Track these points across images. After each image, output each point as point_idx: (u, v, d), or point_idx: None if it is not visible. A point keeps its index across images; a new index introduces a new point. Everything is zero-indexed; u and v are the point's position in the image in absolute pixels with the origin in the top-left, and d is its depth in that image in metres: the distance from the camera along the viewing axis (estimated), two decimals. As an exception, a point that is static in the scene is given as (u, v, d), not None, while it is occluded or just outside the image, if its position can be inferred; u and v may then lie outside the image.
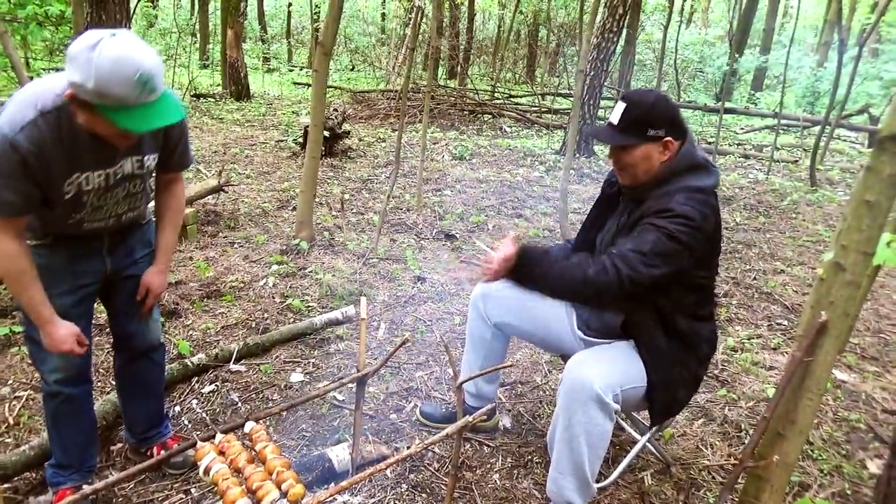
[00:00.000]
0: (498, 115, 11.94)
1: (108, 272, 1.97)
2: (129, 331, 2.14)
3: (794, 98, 16.33)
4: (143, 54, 1.50)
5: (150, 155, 1.86)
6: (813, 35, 22.98)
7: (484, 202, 6.28)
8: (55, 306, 1.82)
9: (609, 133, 1.98)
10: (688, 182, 1.93)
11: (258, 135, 9.02)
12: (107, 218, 1.86)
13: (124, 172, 1.80)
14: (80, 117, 1.59)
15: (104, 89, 1.46)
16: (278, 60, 19.56)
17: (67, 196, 1.70)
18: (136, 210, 1.95)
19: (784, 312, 4.09)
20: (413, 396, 2.90)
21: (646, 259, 1.83)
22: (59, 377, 1.95)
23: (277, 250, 4.52)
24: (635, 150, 1.94)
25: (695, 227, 1.84)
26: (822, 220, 6.43)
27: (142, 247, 2.07)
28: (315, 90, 4.49)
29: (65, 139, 1.63)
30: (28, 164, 1.59)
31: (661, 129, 1.93)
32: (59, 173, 1.66)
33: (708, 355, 2.11)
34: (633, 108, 1.94)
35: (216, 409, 2.72)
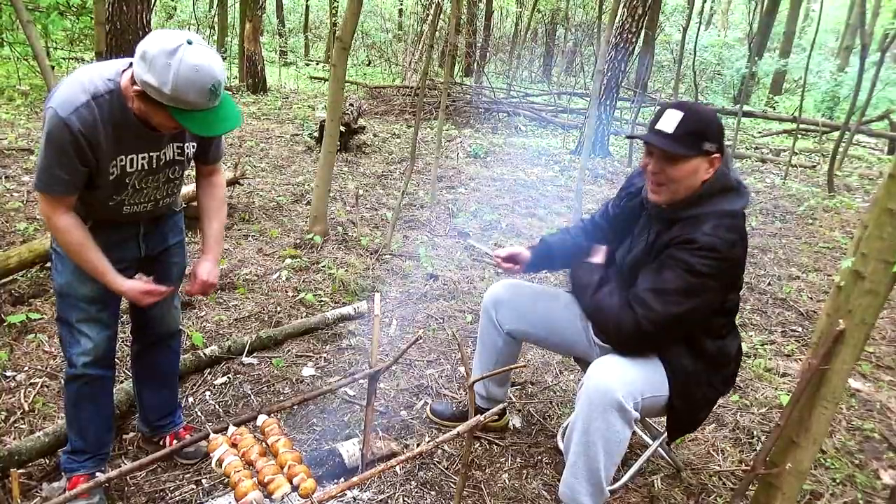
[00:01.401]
0: (513, 114, 11.91)
1: (141, 257, 2.02)
2: (149, 316, 2.17)
3: (813, 102, 16.16)
4: (216, 64, 1.58)
5: (190, 143, 1.92)
6: (834, 39, 22.77)
7: (498, 200, 6.27)
8: (90, 288, 1.90)
9: (665, 141, 1.84)
10: (719, 206, 1.87)
11: (274, 128, 9.06)
12: (146, 202, 1.90)
13: (166, 158, 1.87)
14: (137, 105, 1.66)
15: (181, 96, 1.54)
16: (295, 54, 19.63)
17: (111, 177, 1.76)
18: (173, 196, 2.01)
19: (798, 319, 4.06)
20: (424, 394, 2.91)
21: (664, 297, 1.82)
22: (87, 360, 1.98)
23: (291, 244, 4.54)
24: (686, 164, 1.84)
25: (720, 258, 1.81)
26: (840, 226, 6.36)
27: (174, 235, 2.13)
28: (332, 85, 4.50)
29: (114, 122, 1.70)
30: (79, 143, 1.65)
31: (715, 145, 1.84)
32: (106, 154, 1.72)
33: (734, 373, 2.09)
34: (691, 118, 1.82)
35: (228, 400, 2.74)
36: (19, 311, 3.18)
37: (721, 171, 1.89)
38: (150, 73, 1.53)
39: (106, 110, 1.67)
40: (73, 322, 1.94)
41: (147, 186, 1.87)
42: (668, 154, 1.85)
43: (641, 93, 9.93)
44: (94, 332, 1.96)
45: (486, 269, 4.46)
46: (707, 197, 1.88)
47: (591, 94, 5.96)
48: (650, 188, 1.95)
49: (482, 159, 8.22)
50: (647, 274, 1.90)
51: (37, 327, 3.10)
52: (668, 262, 1.85)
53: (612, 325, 1.90)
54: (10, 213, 4.54)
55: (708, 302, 1.87)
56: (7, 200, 4.80)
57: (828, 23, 22.97)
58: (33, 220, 4.36)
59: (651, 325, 1.83)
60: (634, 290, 1.89)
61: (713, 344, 1.98)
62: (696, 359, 1.97)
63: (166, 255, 2.11)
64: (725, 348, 2.02)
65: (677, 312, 1.83)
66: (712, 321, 1.96)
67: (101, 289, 1.91)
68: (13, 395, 2.61)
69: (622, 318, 1.88)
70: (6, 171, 5.52)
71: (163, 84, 1.53)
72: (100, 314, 1.95)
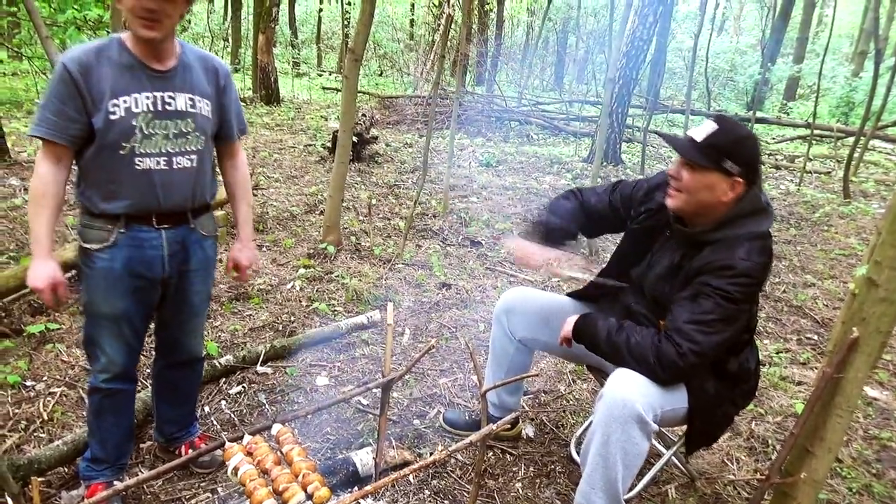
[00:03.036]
0: (525, 122, 11.93)
1: (165, 277, 1.99)
2: (173, 341, 2.20)
3: (827, 108, 16.05)
4: None
5: (203, 98, 1.92)
6: (849, 44, 22.61)
7: (510, 209, 6.28)
8: (113, 306, 1.91)
9: (687, 146, 1.87)
10: (750, 227, 1.87)
11: (287, 139, 9.13)
12: (158, 154, 1.84)
13: (176, 105, 1.86)
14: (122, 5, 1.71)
15: None
16: (308, 65, 19.80)
17: (114, 116, 1.76)
18: (190, 160, 1.92)
19: (814, 326, 4.03)
20: (437, 403, 2.92)
21: (706, 328, 1.81)
22: (106, 376, 2.01)
23: (305, 254, 4.57)
24: (703, 175, 1.85)
25: (755, 282, 1.83)
26: (855, 232, 6.31)
27: (198, 259, 2.06)
28: (345, 96, 4.54)
29: (113, 62, 1.76)
30: (76, 81, 1.71)
31: (738, 167, 1.84)
32: (105, 91, 1.75)
33: (754, 387, 2.09)
34: (721, 133, 1.84)
35: (243, 409, 2.76)
36: (38, 321, 3.23)
37: (753, 193, 1.89)
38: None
39: (105, 53, 1.76)
40: (95, 338, 1.97)
41: (156, 133, 1.83)
42: (686, 160, 1.87)
43: (653, 100, 9.91)
44: (114, 349, 1.98)
45: (498, 278, 4.47)
46: (738, 219, 1.88)
47: (603, 102, 5.97)
48: (669, 191, 1.95)
49: (494, 168, 8.24)
50: (684, 305, 1.87)
51: (55, 337, 3.15)
52: (706, 291, 1.83)
53: (652, 359, 1.85)
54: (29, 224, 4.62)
55: (742, 324, 1.88)
56: (26, 212, 4.88)
57: (842, 28, 22.85)
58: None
59: (695, 357, 1.82)
60: (673, 323, 1.86)
61: (735, 362, 1.98)
62: (719, 380, 1.97)
63: (187, 280, 2.06)
64: (746, 364, 2.01)
65: (720, 341, 1.83)
66: (737, 340, 1.96)
67: (125, 307, 1.93)
68: (32, 404, 2.65)
69: (663, 352, 1.84)
70: (25, 184, 5.61)
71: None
72: (122, 332, 1.97)
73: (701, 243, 1.92)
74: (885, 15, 18.57)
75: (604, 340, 1.96)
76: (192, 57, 1.91)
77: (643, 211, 2.15)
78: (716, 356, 1.90)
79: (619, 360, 1.94)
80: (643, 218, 2.14)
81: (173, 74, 1.85)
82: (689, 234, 1.96)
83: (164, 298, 2.06)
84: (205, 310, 2.24)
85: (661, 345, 1.85)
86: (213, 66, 1.97)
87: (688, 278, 1.91)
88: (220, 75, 1.98)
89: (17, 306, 3.33)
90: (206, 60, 1.96)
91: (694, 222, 1.96)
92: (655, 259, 2.07)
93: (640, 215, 2.16)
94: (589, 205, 2.28)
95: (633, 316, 2.12)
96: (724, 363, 1.96)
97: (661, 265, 2.03)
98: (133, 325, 1.99)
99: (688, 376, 1.92)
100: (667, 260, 2.01)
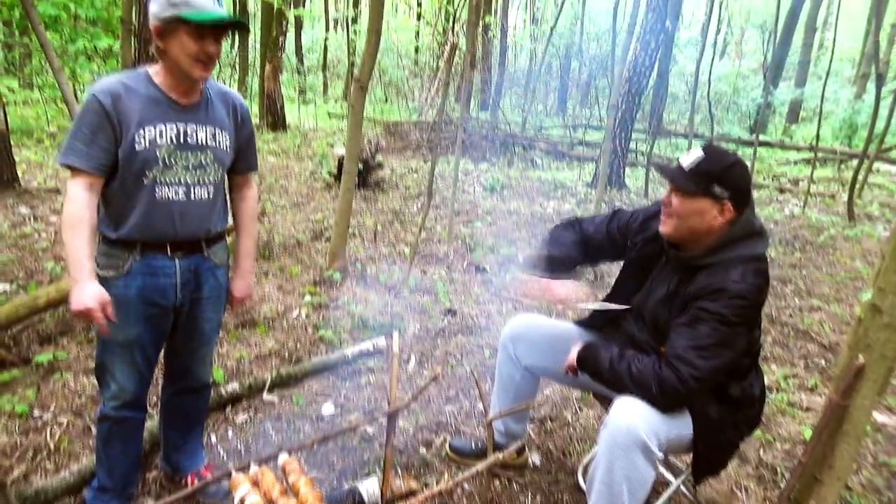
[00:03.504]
0: (529, 147, 12.01)
1: (177, 305, 2.03)
2: (183, 368, 2.23)
3: (831, 130, 16.11)
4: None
5: (223, 132, 1.99)
6: (850, 67, 22.76)
7: (515, 234, 6.30)
8: (127, 335, 1.95)
9: (676, 173, 1.93)
10: (743, 251, 1.90)
11: (293, 165, 9.22)
12: (177, 184, 1.90)
13: (197, 139, 1.92)
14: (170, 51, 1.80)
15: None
16: (314, 92, 20.01)
17: (139, 147, 1.82)
18: (207, 191, 1.98)
19: (821, 351, 4.01)
20: (443, 430, 2.91)
21: (705, 353, 1.82)
22: (116, 403, 2.03)
23: (310, 281, 4.60)
24: (692, 201, 1.90)
25: (750, 304, 1.84)
26: (861, 255, 6.30)
27: (210, 287, 2.10)
28: (351, 124, 4.60)
29: (141, 94, 1.84)
30: (103, 110, 1.78)
31: (726, 192, 1.88)
32: (133, 121, 1.82)
33: (759, 413, 2.08)
34: (709, 160, 1.89)
35: (249, 438, 2.76)
36: (46, 349, 3.25)
37: (746, 217, 1.93)
38: (156, 3, 1.75)
39: (133, 86, 1.83)
40: (107, 365, 2.00)
41: (177, 164, 1.89)
42: (675, 186, 1.92)
43: (656, 125, 9.98)
44: (125, 376, 2.01)
45: (503, 304, 4.47)
46: (731, 243, 1.91)
47: (606, 127, 6.02)
48: (662, 217, 2.00)
49: (499, 193, 8.28)
50: (681, 331, 1.89)
51: (63, 366, 3.16)
52: (702, 315, 1.85)
53: (654, 386, 1.86)
54: (38, 253, 4.66)
55: (741, 348, 1.89)
56: (35, 240, 4.93)
57: (843, 52, 23.01)
58: (61, 260, 4.47)
59: (695, 382, 1.83)
60: (672, 349, 1.88)
61: (738, 387, 1.98)
62: (722, 404, 1.96)
63: (199, 308, 2.10)
64: (750, 390, 2.01)
65: (718, 365, 1.84)
66: (738, 364, 1.96)
67: (138, 334, 1.97)
68: (40, 433, 2.66)
69: (663, 378, 1.85)
70: (35, 212, 5.68)
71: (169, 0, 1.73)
72: (134, 359, 2.00)
73: (696, 268, 1.95)
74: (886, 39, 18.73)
75: (606, 369, 1.97)
76: (213, 92, 1.99)
77: (640, 240, 2.18)
78: (717, 380, 1.90)
79: (621, 387, 1.95)
80: (640, 246, 2.18)
81: (196, 108, 1.93)
82: (684, 260, 1.99)
83: (176, 326, 2.10)
84: (215, 338, 2.27)
85: (661, 371, 1.86)
86: (233, 101, 2.05)
87: (685, 303, 1.93)
88: (239, 111, 2.06)
89: (26, 335, 3.35)
90: (227, 96, 2.04)
91: (688, 248, 1.99)
92: (654, 286, 2.10)
93: (637, 244, 2.19)
94: (588, 234, 2.31)
95: (637, 343, 2.13)
96: (725, 387, 1.96)
97: (660, 291, 2.06)
98: (145, 352, 2.02)
99: (689, 401, 1.92)
100: (664, 286, 2.04)
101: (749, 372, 2.02)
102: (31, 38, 10.06)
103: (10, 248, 4.75)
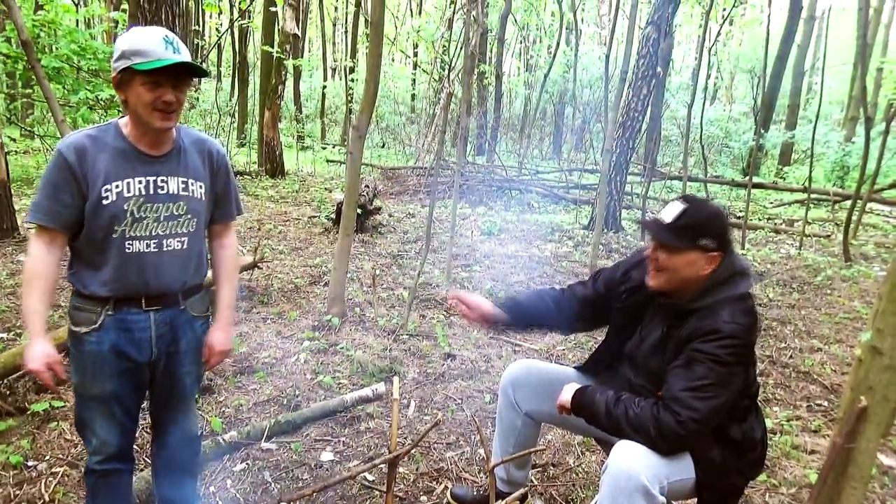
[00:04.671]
0: (526, 191, 12.13)
1: (153, 359, 1.98)
2: (166, 421, 2.17)
3: (823, 172, 16.34)
4: (165, 30, 1.80)
5: (196, 181, 1.95)
6: (839, 111, 23.18)
7: (512, 278, 6.32)
8: (102, 388, 1.91)
9: (661, 230, 1.95)
10: (730, 291, 1.93)
11: (292, 211, 9.28)
12: (148, 237, 1.86)
13: (168, 189, 1.89)
14: (128, 102, 1.80)
15: (138, 45, 1.73)
16: (312, 138, 20.28)
17: (107, 201, 1.80)
18: (181, 241, 1.94)
19: (823, 393, 3.98)
20: (444, 477, 2.87)
21: (702, 394, 1.83)
22: (100, 458, 1.99)
23: (309, 326, 4.58)
24: (681, 255, 1.93)
25: (743, 343, 1.87)
26: (859, 295, 6.31)
27: (188, 340, 2.05)
28: (349, 171, 4.66)
29: (108, 148, 1.83)
30: (68, 166, 1.77)
31: (713, 242, 1.92)
32: (99, 177, 1.80)
33: (761, 456, 2.06)
34: (690, 213, 1.93)
35: (247, 488, 2.71)
36: (42, 399, 3.22)
37: (728, 260, 1.96)
38: (116, 51, 1.76)
39: (101, 139, 1.83)
40: (86, 420, 1.96)
41: (146, 216, 1.85)
42: (661, 243, 1.95)
43: (651, 168, 10.11)
44: (105, 430, 1.96)
45: (503, 348, 4.45)
46: (718, 285, 1.95)
47: (601, 171, 6.10)
48: (649, 272, 2.03)
49: (496, 236, 8.33)
50: (677, 373, 1.90)
51: (59, 415, 3.13)
52: (697, 357, 1.87)
53: (653, 430, 1.86)
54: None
55: (737, 387, 1.89)
56: (33, 288, 4.92)
57: (831, 95, 23.47)
58: (58, 308, 4.46)
59: (695, 424, 1.83)
60: (669, 392, 1.88)
61: (738, 430, 1.97)
62: (724, 448, 1.96)
63: (176, 361, 2.04)
64: (751, 433, 2.00)
65: (717, 405, 1.85)
66: (737, 405, 1.96)
67: (114, 388, 1.93)
68: (34, 485, 2.61)
69: (662, 422, 1.85)
70: (33, 260, 5.68)
71: (122, 47, 1.74)
72: (114, 413, 1.96)
73: (686, 312, 1.97)
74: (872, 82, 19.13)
75: (603, 414, 1.97)
76: (188, 141, 1.97)
77: (624, 290, 2.22)
78: (716, 422, 1.90)
79: (619, 433, 1.94)
80: (626, 297, 2.21)
81: (167, 159, 1.90)
82: (674, 306, 2.02)
83: (153, 380, 2.05)
84: (195, 390, 2.21)
85: (660, 415, 1.85)
86: (209, 148, 2.01)
87: (678, 347, 1.95)
88: (215, 158, 2.02)
89: (22, 384, 3.32)
90: (202, 143, 2.00)
91: (676, 294, 2.02)
92: (645, 333, 2.13)
93: (622, 294, 2.23)
94: (576, 292, 2.37)
95: (633, 389, 2.13)
96: (726, 430, 1.96)
97: (652, 337, 2.08)
98: (124, 405, 1.97)
99: (690, 445, 1.91)
100: (656, 332, 2.07)
101: (749, 414, 2.02)
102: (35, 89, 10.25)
103: (8, 296, 4.74)
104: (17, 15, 4.54)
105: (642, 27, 9.09)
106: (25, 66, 9.44)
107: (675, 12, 9.02)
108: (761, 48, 11.57)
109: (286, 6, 12.55)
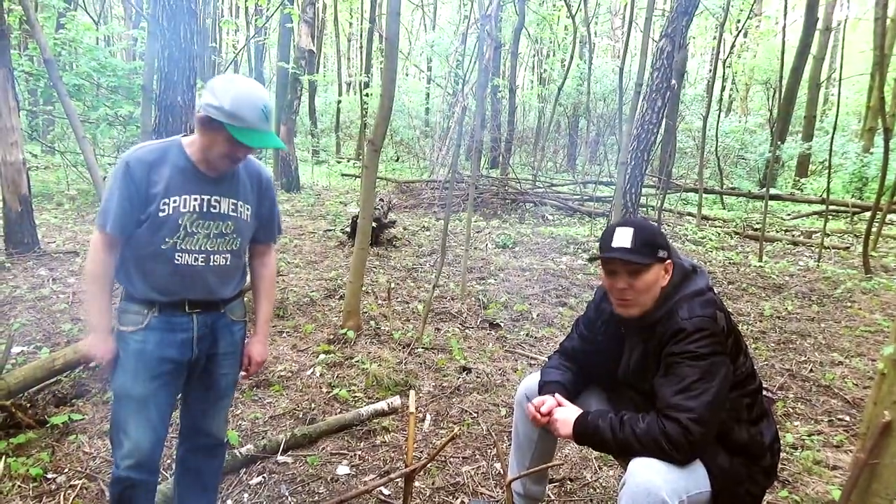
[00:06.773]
0: (540, 204, 12.12)
1: (193, 360, 2.07)
2: (198, 424, 2.24)
3: (841, 184, 16.16)
4: (263, 91, 1.90)
5: (245, 205, 2.07)
6: (856, 122, 22.96)
7: (528, 290, 6.30)
8: (144, 389, 1.98)
9: (628, 255, 1.98)
10: (684, 291, 2.01)
11: (307, 224, 9.34)
12: (197, 251, 1.98)
13: (220, 209, 2.00)
14: (202, 139, 1.91)
15: (237, 112, 1.83)
16: (327, 153, 20.44)
17: (163, 214, 1.91)
18: (225, 258, 2.05)
19: (845, 407, 3.92)
20: (460, 492, 2.85)
21: (691, 392, 1.86)
22: (130, 462, 2.02)
23: (325, 339, 4.59)
24: (649, 272, 1.99)
25: (712, 332, 1.90)
26: (880, 308, 6.22)
27: (227, 342, 2.15)
28: (365, 184, 4.68)
29: (171, 164, 1.94)
30: (135, 179, 1.89)
31: (664, 251, 2.02)
32: (160, 190, 1.91)
33: (774, 464, 2.05)
34: (641, 232, 2.01)
35: (263, 502, 2.71)
36: (62, 411, 3.25)
37: (676, 262, 2.06)
38: (212, 95, 1.83)
39: (165, 155, 1.94)
40: (122, 422, 2.01)
41: (198, 232, 1.97)
42: (631, 266, 1.99)
43: (666, 180, 10.08)
44: (139, 433, 2.01)
45: (518, 360, 4.44)
46: (675, 290, 2.03)
47: (616, 184, 6.08)
48: (618, 305, 2.07)
49: (511, 249, 8.32)
50: (661, 382, 1.94)
51: (78, 428, 3.15)
52: (674, 360, 1.92)
53: (664, 443, 1.85)
54: (56, 315, 4.71)
55: (725, 376, 1.91)
56: (54, 302, 4.99)
57: (848, 106, 23.28)
58: (78, 321, 4.51)
59: (697, 425, 1.83)
60: (662, 402, 1.91)
61: (745, 432, 1.97)
62: (731, 454, 1.96)
63: (215, 363, 2.14)
64: (758, 437, 2.00)
65: (709, 399, 1.85)
66: (736, 402, 1.98)
67: (154, 389, 2.00)
68: (53, 497, 2.63)
69: (668, 432, 1.85)
70: (53, 274, 5.76)
71: (223, 102, 1.81)
72: (150, 415, 2.01)
73: (651, 325, 2.03)
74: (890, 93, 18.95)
75: (610, 439, 1.96)
76: (241, 165, 2.08)
77: (601, 324, 2.29)
78: (717, 418, 1.90)
79: (632, 453, 1.93)
80: (604, 330, 2.27)
81: (222, 180, 2.02)
82: (639, 324, 2.07)
83: (190, 381, 2.13)
84: (231, 393, 2.27)
85: (665, 427, 1.86)
86: (259, 175, 2.14)
87: (657, 359, 1.99)
88: (264, 185, 2.16)
89: (42, 396, 3.36)
90: (254, 169, 2.14)
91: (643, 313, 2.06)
92: (629, 356, 2.17)
93: (600, 328, 2.29)
94: (568, 351, 2.38)
95: (637, 407, 2.13)
96: (730, 432, 1.97)
97: (634, 358, 2.13)
98: (160, 408, 2.03)
99: (702, 447, 1.90)
100: (636, 352, 2.12)
101: (753, 414, 2.03)
102: (55, 105, 10.42)
103: (29, 309, 4.80)
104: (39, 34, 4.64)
105: (656, 40, 9.10)
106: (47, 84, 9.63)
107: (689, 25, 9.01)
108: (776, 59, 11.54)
109: (301, 23, 12.71)
